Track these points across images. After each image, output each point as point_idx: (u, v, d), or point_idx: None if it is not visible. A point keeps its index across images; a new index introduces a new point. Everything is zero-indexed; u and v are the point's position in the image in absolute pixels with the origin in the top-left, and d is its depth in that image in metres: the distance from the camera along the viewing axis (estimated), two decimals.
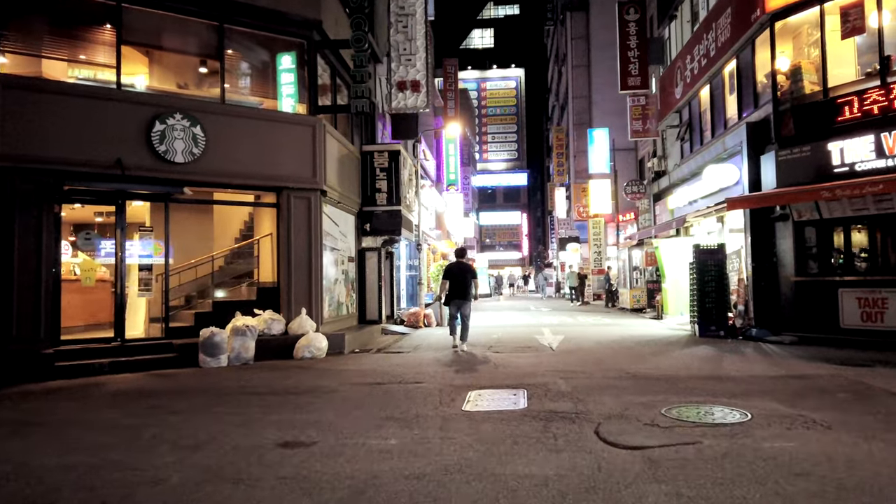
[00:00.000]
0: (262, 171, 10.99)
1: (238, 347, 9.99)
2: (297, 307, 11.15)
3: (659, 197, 20.32)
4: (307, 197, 11.49)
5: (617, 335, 13.17)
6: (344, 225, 13.49)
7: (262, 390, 7.28)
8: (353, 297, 14.12)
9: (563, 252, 40.95)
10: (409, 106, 16.85)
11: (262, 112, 11.31)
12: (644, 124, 20.66)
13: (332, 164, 12.31)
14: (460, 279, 11.16)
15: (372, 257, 14.83)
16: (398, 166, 14.62)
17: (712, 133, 15.67)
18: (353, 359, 10.25)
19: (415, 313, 16.53)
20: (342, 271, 13.38)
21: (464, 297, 11.11)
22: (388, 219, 14.57)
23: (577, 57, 45.46)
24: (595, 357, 9.62)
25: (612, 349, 10.68)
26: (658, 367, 8.37)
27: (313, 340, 10.60)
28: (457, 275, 11.24)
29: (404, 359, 9.98)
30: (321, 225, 11.69)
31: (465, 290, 11.10)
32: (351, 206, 13.86)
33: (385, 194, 14.56)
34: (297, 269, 11.35)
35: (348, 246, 13.89)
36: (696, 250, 12.51)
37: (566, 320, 18.06)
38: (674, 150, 19.58)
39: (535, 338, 12.78)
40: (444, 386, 7.22)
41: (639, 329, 14.72)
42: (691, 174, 16.61)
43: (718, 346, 10.87)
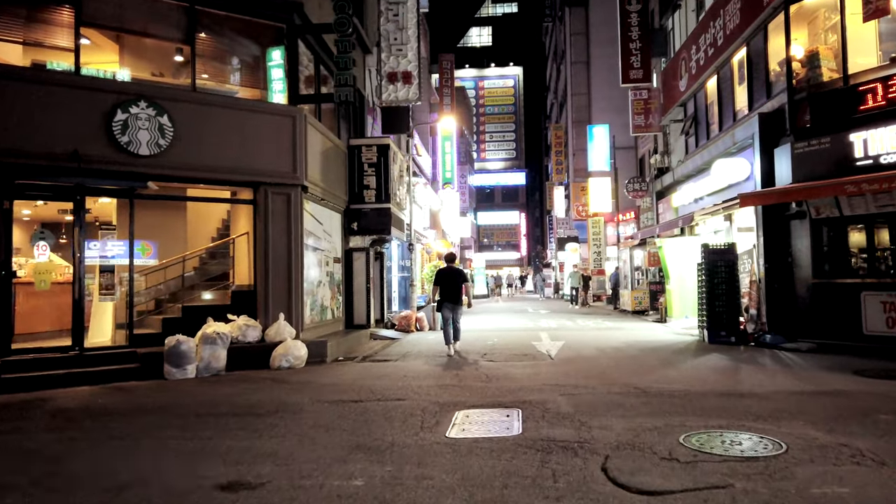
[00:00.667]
0: (237, 164, 10.14)
1: (207, 357, 9.14)
2: (275, 312, 10.30)
3: (662, 195, 19.48)
4: (287, 193, 10.64)
5: (620, 341, 12.33)
6: (329, 223, 12.65)
7: (224, 409, 6.43)
8: (339, 300, 13.28)
9: (562, 252, 40.14)
10: (400, 98, 16.02)
11: (238, 101, 10.46)
12: (646, 119, 19.83)
13: (315, 159, 11.47)
14: (451, 284, 11.12)
15: (360, 258, 13.98)
16: (387, 161, 13.78)
17: (720, 126, 14.84)
18: (334, 369, 9.41)
19: (406, 317, 15.69)
20: (327, 273, 12.54)
21: (455, 301, 11.06)
22: (377, 217, 13.73)
23: (576, 53, 44.69)
24: (598, 367, 8.78)
25: (615, 358, 9.84)
26: (669, 381, 7.53)
27: (291, 349, 9.76)
28: (448, 279, 11.17)
29: (390, 369, 9.13)
30: (302, 223, 10.84)
31: (456, 295, 11.09)
32: (337, 204, 13.02)
33: (373, 191, 13.71)
34: (275, 271, 10.50)
35: (334, 246, 13.04)
36: (704, 250, 11.67)
37: (565, 324, 17.22)
38: (677, 145, 18.75)
39: (533, 344, 11.94)
40: (428, 404, 6.37)
41: (643, 334, 13.88)
42: (697, 170, 15.77)
43: (731, 354, 10.03)
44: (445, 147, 33.05)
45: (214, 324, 9.81)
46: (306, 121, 10.83)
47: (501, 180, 79.74)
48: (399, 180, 15.15)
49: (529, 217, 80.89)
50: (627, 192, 21.21)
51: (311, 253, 11.56)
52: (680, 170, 17.39)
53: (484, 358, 10.13)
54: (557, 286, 41.02)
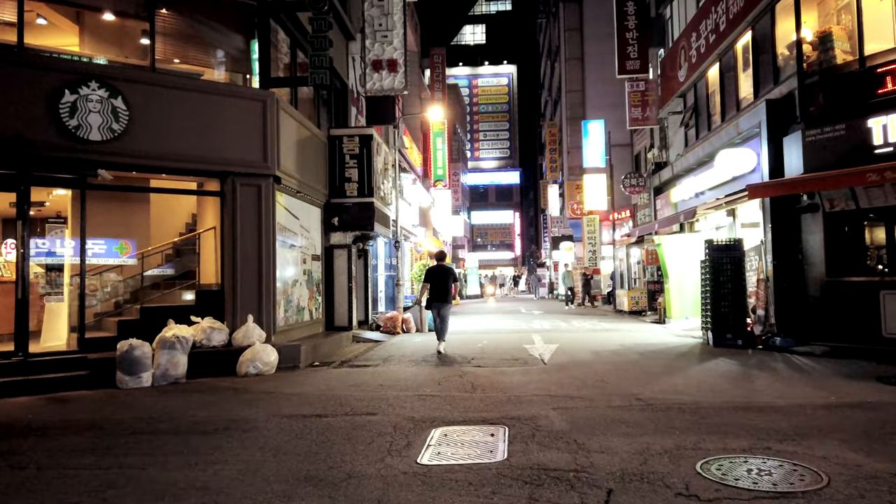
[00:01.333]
0: (201, 153, 9.28)
1: (165, 363, 8.27)
2: (244, 314, 9.44)
3: (660, 190, 18.70)
4: (257, 184, 9.79)
5: (617, 343, 11.52)
6: (306, 218, 11.79)
7: (165, 426, 5.57)
8: (318, 300, 12.42)
9: (557, 251, 39.36)
10: (385, 87, 15.19)
11: (203, 84, 9.60)
12: (644, 112, 19.05)
13: (290, 148, 10.62)
14: (441, 282, 11.05)
15: (341, 255, 13.13)
16: (370, 153, 12.93)
17: (723, 117, 14.05)
18: (306, 376, 8.56)
19: (392, 318, 14.85)
20: (304, 271, 11.69)
21: (444, 299, 11.02)
22: (360, 212, 12.88)
23: (571, 49, 43.99)
24: (595, 374, 7.96)
25: (614, 363, 9.02)
26: (675, 390, 6.71)
27: (259, 354, 8.90)
28: (438, 278, 11.10)
29: (367, 376, 8.28)
30: (274, 217, 9.98)
31: (446, 293, 11.05)
32: (315, 198, 12.17)
33: (356, 184, 12.87)
34: (244, 269, 9.64)
35: (312, 242, 12.19)
36: (709, 247, 10.86)
37: (560, 325, 16.41)
38: (676, 138, 17.98)
39: (525, 347, 11.11)
40: (402, 420, 5.53)
41: (641, 336, 13.08)
42: (698, 163, 14.99)
43: (740, 358, 9.23)
44: (437, 143, 32.22)
45: (175, 326, 8.94)
46: (279, 105, 9.98)
47: (495, 179, 79.10)
48: (384, 174, 14.31)
49: (523, 216, 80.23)
50: (624, 187, 20.42)
51: (286, 250, 10.71)
52: (679, 163, 16.61)
53: (471, 363, 9.30)
54: (552, 286, 40.24)
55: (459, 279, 33.88)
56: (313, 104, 13.25)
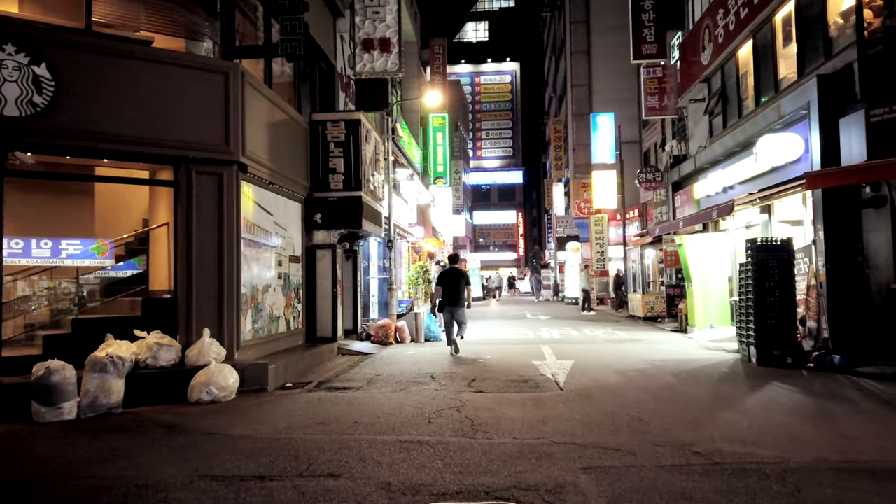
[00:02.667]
0: (149, 133, 7.72)
1: (94, 390, 6.70)
2: (200, 326, 7.88)
3: (679, 186, 17.10)
4: (217, 172, 8.23)
5: (643, 359, 9.93)
6: (282, 214, 10.24)
7: (37, 496, 4.00)
8: (296, 308, 10.85)
9: (562, 252, 37.75)
10: (377, 70, 13.66)
11: (151, 52, 8.03)
12: (661, 100, 17.44)
13: (259, 131, 9.07)
14: (454, 285, 10.98)
15: (325, 257, 11.56)
16: (358, 140, 11.37)
17: (757, 100, 12.45)
18: (270, 405, 6.99)
19: (384, 326, 13.27)
20: (279, 275, 10.12)
21: (457, 303, 10.94)
22: (345, 207, 11.32)
23: (577, 43, 42.48)
24: (627, 406, 6.37)
25: (647, 388, 7.42)
26: (741, 436, 5.11)
27: (214, 376, 7.33)
28: (450, 281, 11.03)
29: (342, 407, 6.71)
30: (239, 211, 8.42)
31: (458, 297, 10.96)
32: (294, 191, 10.61)
33: (341, 176, 11.30)
34: (201, 273, 8.09)
35: (290, 242, 10.63)
36: (752, 247, 9.25)
37: (571, 334, 14.82)
38: (698, 129, 16.37)
39: (535, 364, 9.53)
40: (372, 490, 3.96)
41: (666, 349, 11.49)
42: (726, 154, 13.40)
43: (798, 383, 7.63)
44: (437, 139, 30.65)
45: (114, 343, 7.39)
46: (244, 80, 8.42)
47: (498, 179, 77.77)
48: (374, 165, 12.74)
49: (526, 217, 78.83)
50: (639, 182, 18.80)
51: (255, 250, 9.15)
52: (703, 156, 15.01)
53: (471, 387, 7.73)
54: (557, 288, 38.62)
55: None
56: (293, 88, 11.69)
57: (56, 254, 8.36)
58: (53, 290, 8.31)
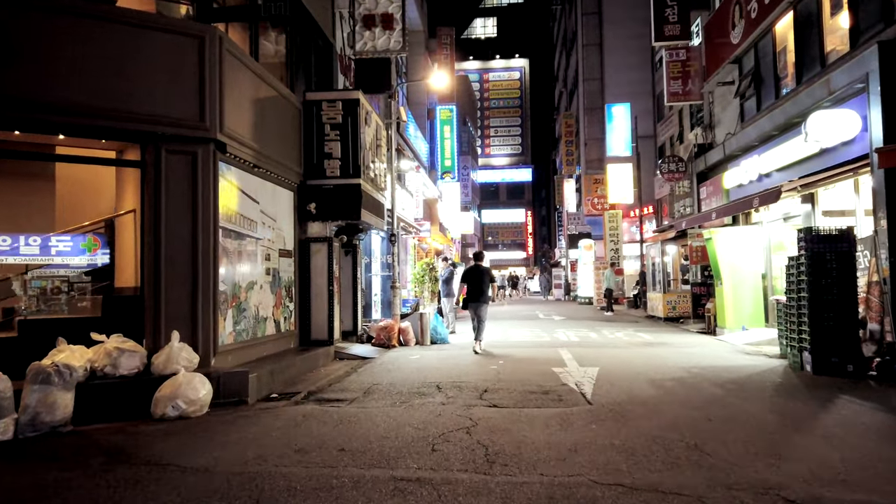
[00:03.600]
0: (111, 105, 6.67)
1: (35, 405, 5.63)
2: (171, 328, 6.81)
3: (705, 176, 15.91)
4: (191, 151, 7.16)
5: (677, 366, 8.77)
6: (270, 203, 9.16)
7: None
8: (288, 308, 9.77)
9: (574, 250, 36.57)
10: (378, 48, 12.56)
11: (115, 12, 6.95)
12: (685, 85, 16.24)
13: (243, 108, 7.99)
14: (478, 282, 11.20)
15: (320, 251, 10.47)
16: (356, 123, 10.28)
17: (798, 78, 11.25)
18: (246, 421, 5.91)
19: (386, 328, 12.17)
20: (267, 271, 9.04)
21: (480, 299, 11.13)
22: (342, 196, 10.23)
23: (588, 35, 41.30)
24: (675, 427, 5.22)
25: (692, 403, 6.27)
26: (839, 474, 3.95)
27: (182, 387, 6.25)
28: (475, 278, 11.23)
29: (328, 427, 5.60)
30: (216, 197, 7.34)
31: (481, 293, 11.16)
32: (285, 177, 9.54)
33: (337, 161, 10.21)
34: (172, 267, 7.02)
35: (280, 234, 9.55)
36: (805, 237, 8.05)
37: (589, 336, 13.66)
38: (726, 114, 15.17)
39: (554, 372, 8.40)
40: None
41: (699, 353, 10.32)
42: (762, 138, 12.21)
43: (871, 396, 6.46)
44: (444, 132, 29.54)
45: (67, 348, 6.35)
46: (222, 46, 7.33)
47: (507, 177, 76.69)
48: (375, 151, 11.64)
49: (536, 215, 77.72)
50: (661, 173, 17.59)
51: (238, 242, 8.07)
52: (733, 142, 13.81)
53: (483, 399, 6.61)
54: (569, 287, 37.43)
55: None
56: (287, 68, 10.59)
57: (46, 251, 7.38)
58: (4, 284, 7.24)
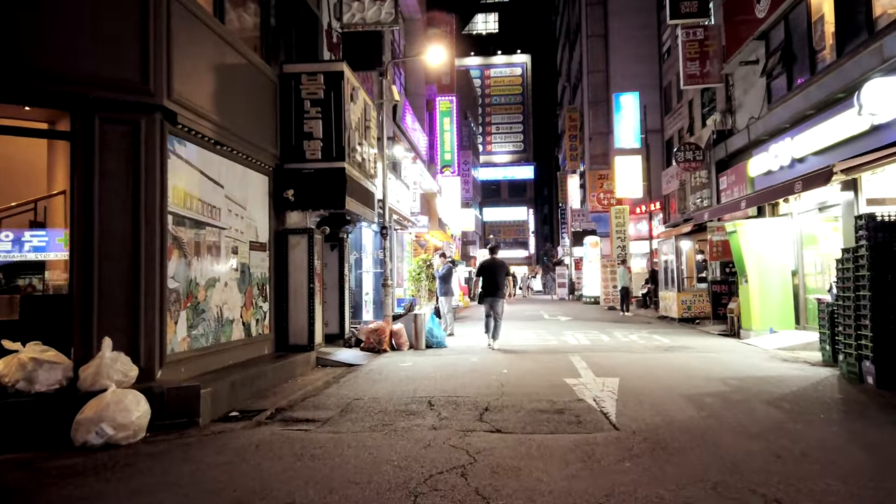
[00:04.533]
0: (25, 58, 5.46)
1: None
2: (105, 334, 5.60)
3: (725, 165, 14.67)
4: (132, 120, 5.94)
5: (711, 376, 7.53)
6: (239, 188, 7.93)
7: None
8: (260, 308, 8.54)
9: (578, 247, 35.32)
10: (368, 20, 11.38)
11: None
12: (703, 66, 14.99)
13: (202, 74, 6.77)
14: (493, 277, 10.89)
15: (299, 244, 9.23)
16: (340, 98, 9.06)
17: (839, 49, 10.00)
18: (184, 452, 4.69)
19: (376, 330, 10.95)
20: (235, 266, 7.82)
21: (496, 294, 10.79)
22: (324, 182, 9.02)
23: (593, 26, 40.09)
24: (738, 469, 3.98)
25: (747, 431, 5.02)
26: None
27: (109, 408, 5.03)
28: (490, 272, 10.96)
29: (285, 462, 4.38)
30: (165, 177, 6.12)
31: (497, 288, 10.83)
32: (258, 159, 8.32)
33: (318, 142, 8.99)
34: (108, 261, 5.82)
35: (251, 224, 8.32)
36: (867, 224, 6.78)
37: (601, 339, 12.43)
38: (749, 97, 13.92)
39: (567, 384, 7.17)
40: None
41: (729, 359, 9.09)
42: (795, 119, 10.97)
43: None
44: (444, 124, 28.32)
45: None
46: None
47: (508, 174, 75.71)
48: (364, 133, 10.42)
49: (538, 213, 76.65)
50: (676, 162, 16.33)
51: (195, 231, 6.85)
52: (759, 126, 12.57)
53: (484, 421, 5.39)
54: (573, 286, 36.23)
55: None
56: (261, 38, 9.33)
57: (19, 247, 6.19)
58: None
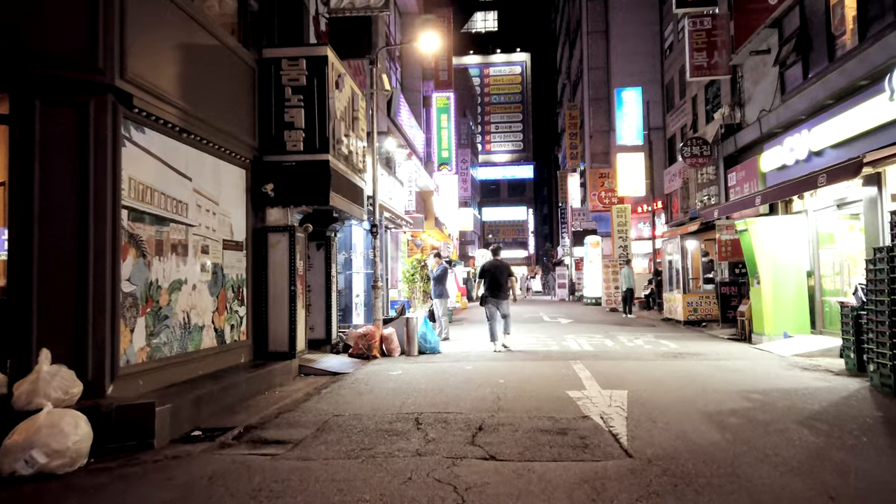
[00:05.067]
0: None
1: None
2: (46, 345, 4.91)
3: (734, 160, 13.98)
4: (80, 102, 5.24)
5: (733, 391, 6.83)
6: (211, 180, 7.23)
7: None
8: (236, 314, 7.84)
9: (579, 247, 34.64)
10: (357, 4, 10.72)
11: None
12: (710, 57, 14.29)
13: (166, 53, 6.08)
14: (497, 278, 10.80)
15: (279, 243, 8.53)
16: (324, 85, 8.37)
17: (862, 33, 9.31)
18: (125, 485, 4.00)
19: (366, 335, 10.25)
20: (205, 266, 7.11)
21: (500, 295, 10.75)
22: (307, 175, 8.33)
23: (593, 21, 39.45)
24: None
25: (787, 462, 4.31)
26: None
27: (43, 431, 4.35)
28: (493, 274, 10.85)
29: (240, 498, 3.69)
30: (118, 167, 5.43)
31: (501, 289, 10.79)
32: (233, 150, 7.62)
33: (300, 132, 8.30)
34: (51, 260, 5.12)
35: (226, 221, 7.62)
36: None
37: (605, 343, 11.74)
38: (759, 88, 13.23)
39: (570, 397, 6.47)
40: None
41: (744, 367, 8.39)
42: (812, 109, 10.28)
43: None
44: (441, 120, 27.63)
45: None
46: None
47: (508, 174, 75.14)
48: (351, 124, 9.72)
49: (537, 213, 76.04)
50: (683, 157, 15.63)
51: (158, 228, 6.14)
52: (772, 119, 11.88)
53: (476, 444, 4.69)
54: (573, 287, 35.56)
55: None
56: (240, 21, 8.64)
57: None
58: None
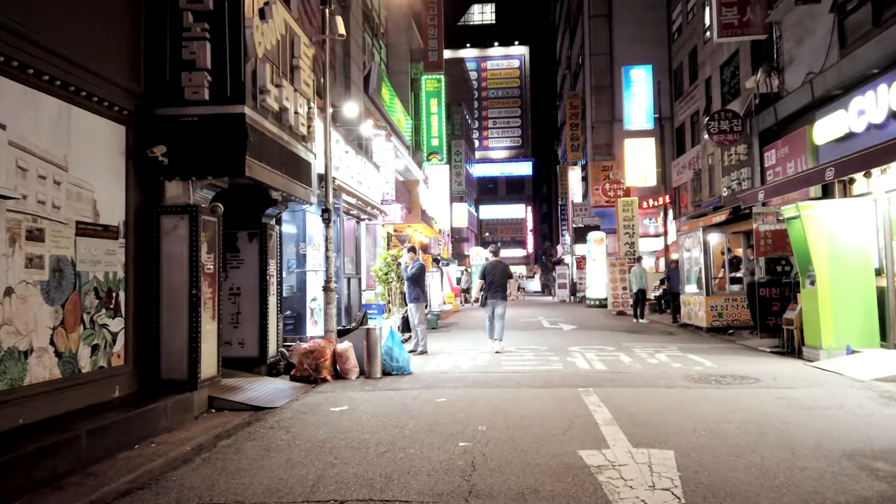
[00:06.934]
0: None
1: None
2: None
3: (774, 135, 11.61)
4: None
5: (830, 447, 4.48)
6: (51, 133, 4.85)
7: None
8: (103, 329, 5.44)
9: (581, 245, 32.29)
10: None
11: None
12: (742, 13, 11.93)
13: None
14: (497, 279, 10.61)
15: (176, 229, 6.13)
16: (239, 10, 6.00)
17: None
18: None
19: (313, 351, 7.86)
20: (37, 261, 4.74)
21: (499, 296, 10.54)
22: (214, 134, 5.96)
23: (596, 5, 37.13)
24: None
25: None
26: None
27: None
28: (494, 274, 10.66)
29: None
30: None
31: (501, 290, 10.61)
32: (98, 94, 5.26)
33: (205, 75, 5.93)
34: None
35: (84, 195, 5.24)
36: None
37: (620, 359, 9.37)
38: (804, 47, 10.86)
39: (587, 466, 4.11)
40: None
41: (822, 401, 6.03)
42: (888, 61, 7.92)
43: None
44: (431, 105, 25.27)
45: None
46: None
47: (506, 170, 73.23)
48: (290, 74, 7.32)
49: (536, 211, 74.04)
50: (709, 134, 13.24)
51: None
52: (827, 79, 9.52)
53: None
54: (574, 287, 33.24)
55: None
56: None
57: None
58: None
